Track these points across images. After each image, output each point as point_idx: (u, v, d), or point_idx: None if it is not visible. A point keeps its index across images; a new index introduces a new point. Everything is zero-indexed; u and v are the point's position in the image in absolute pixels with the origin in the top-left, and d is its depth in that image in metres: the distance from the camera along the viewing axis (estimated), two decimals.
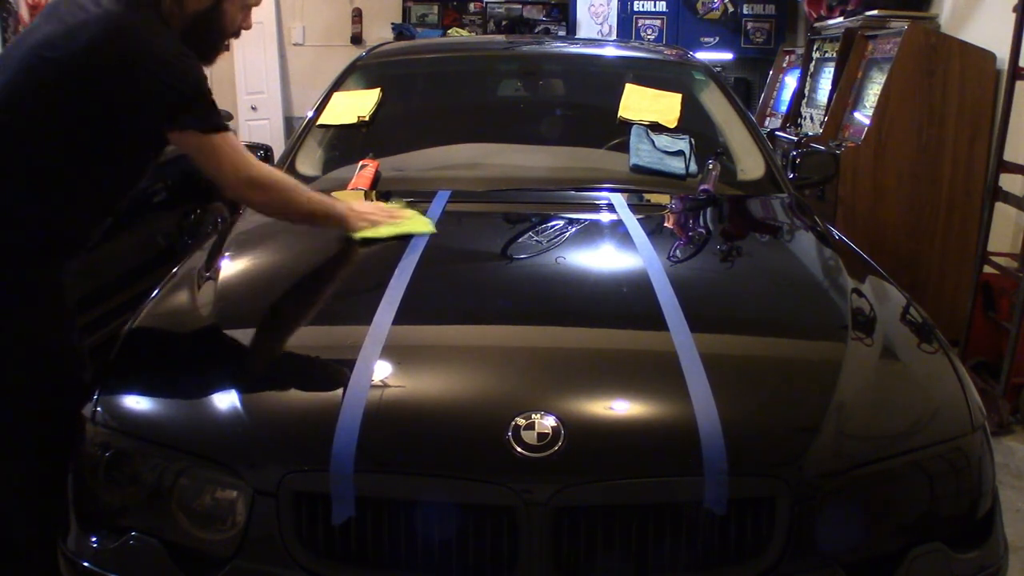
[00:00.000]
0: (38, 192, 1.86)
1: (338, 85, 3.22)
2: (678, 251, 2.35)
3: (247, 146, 3.21)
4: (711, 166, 2.72)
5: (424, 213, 2.40)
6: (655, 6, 7.14)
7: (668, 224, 2.62)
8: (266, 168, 2.09)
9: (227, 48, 2.10)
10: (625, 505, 1.51)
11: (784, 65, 6.24)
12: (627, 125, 2.92)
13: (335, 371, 1.78)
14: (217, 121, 1.94)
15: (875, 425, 1.67)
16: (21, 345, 1.87)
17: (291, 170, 2.90)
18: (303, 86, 7.76)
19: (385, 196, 2.76)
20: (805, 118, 5.45)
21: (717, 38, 7.13)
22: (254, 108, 7.83)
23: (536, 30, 7.44)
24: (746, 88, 7.07)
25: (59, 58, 1.81)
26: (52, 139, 1.84)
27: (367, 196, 2.73)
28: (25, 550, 1.94)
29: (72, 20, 1.85)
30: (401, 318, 1.83)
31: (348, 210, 2.24)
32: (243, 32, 2.08)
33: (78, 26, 1.83)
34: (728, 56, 7.15)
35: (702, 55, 4.92)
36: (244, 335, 1.94)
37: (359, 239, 2.21)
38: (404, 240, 2.20)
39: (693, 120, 3.05)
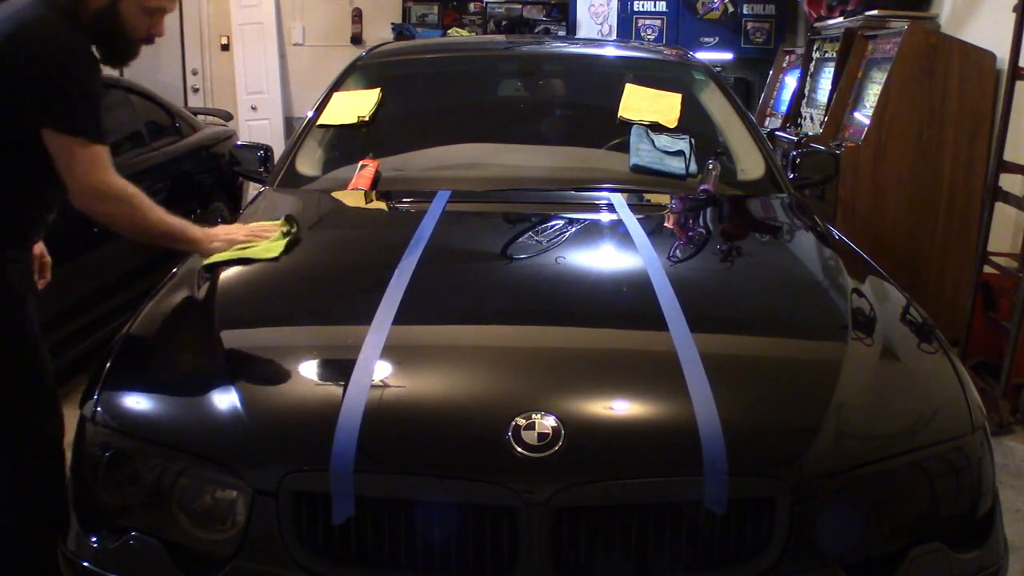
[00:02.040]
0: None
1: (338, 85, 3.22)
2: (678, 251, 2.35)
3: (247, 146, 3.24)
4: (711, 166, 2.72)
5: (424, 213, 2.40)
6: (655, 6, 7.14)
7: (668, 224, 2.62)
8: (119, 182, 1.97)
9: (135, 54, 2.05)
10: (625, 505, 1.51)
11: (784, 65, 6.24)
12: (627, 125, 2.92)
13: (335, 371, 1.78)
14: (81, 125, 1.87)
15: (875, 425, 1.67)
16: None
17: (291, 170, 2.91)
18: (303, 86, 7.76)
19: (385, 196, 2.77)
20: (805, 118, 5.45)
21: (717, 38, 7.13)
22: (254, 108, 7.83)
23: (536, 30, 7.44)
24: (746, 88, 7.07)
25: None
26: None
27: (367, 196, 2.73)
28: (19, 549, 1.95)
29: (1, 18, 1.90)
30: (401, 318, 1.83)
31: (202, 233, 2.17)
32: (243, 32, 2.08)
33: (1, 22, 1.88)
34: (728, 56, 7.15)
35: (702, 55, 4.92)
36: (244, 335, 1.94)
37: (205, 264, 2.14)
38: (404, 240, 2.20)
39: (693, 120, 3.05)
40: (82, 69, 1.89)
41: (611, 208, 2.51)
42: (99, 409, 1.72)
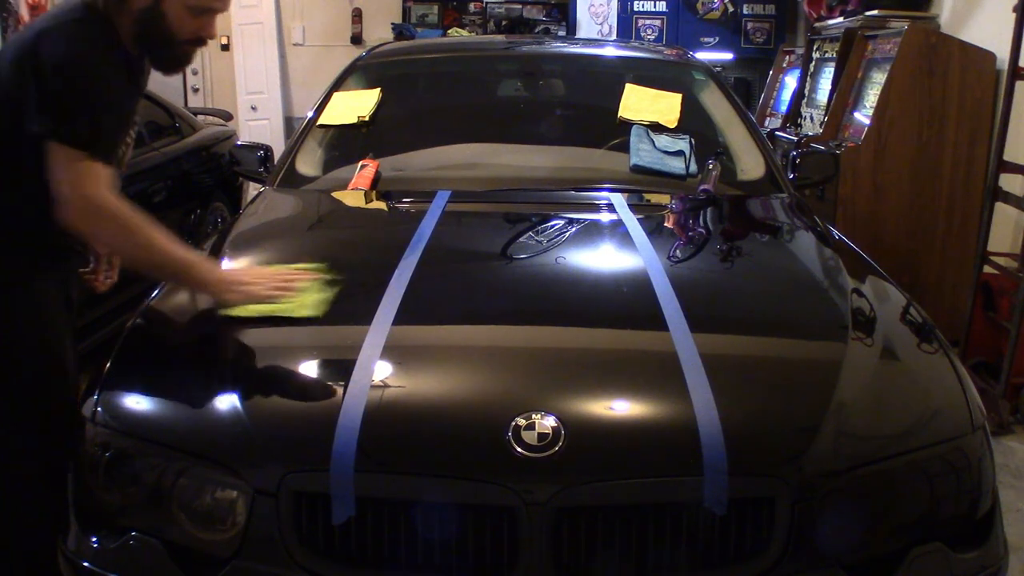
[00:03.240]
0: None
1: (338, 85, 3.22)
2: (678, 251, 2.35)
3: (247, 146, 3.24)
4: (711, 166, 2.72)
5: (424, 213, 2.40)
6: (655, 6, 7.14)
7: (668, 224, 2.62)
8: (112, 201, 1.81)
9: (187, 58, 1.98)
10: (625, 505, 1.51)
11: (784, 65, 6.23)
12: (627, 125, 2.92)
13: (335, 371, 1.78)
14: (76, 136, 1.76)
15: (875, 425, 1.67)
16: None
17: (291, 170, 2.91)
18: (303, 86, 7.76)
19: (385, 196, 2.76)
20: (805, 118, 5.45)
21: (717, 38, 7.13)
22: (254, 108, 7.83)
23: (536, 30, 7.44)
24: (746, 88, 7.07)
25: (5, 58, 1.83)
26: (5, 141, 1.84)
27: (367, 196, 2.73)
28: (23, 550, 1.94)
29: (30, 26, 1.86)
30: (401, 318, 1.83)
31: (216, 275, 1.95)
32: (243, 32, 2.06)
33: (28, 29, 1.85)
34: (728, 56, 7.15)
35: (702, 55, 4.92)
36: (244, 335, 1.94)
37: (223, 314, 1.90)
38: (404, 240, 2.19)
39: (693, 120, 3.05)
40: (88, 77, 1.79)
41: (611, 208, 2.52)
42: (99, 409, 1.72)
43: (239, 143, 3.44)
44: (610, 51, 3.81)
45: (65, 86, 1.77)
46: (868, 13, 4.78)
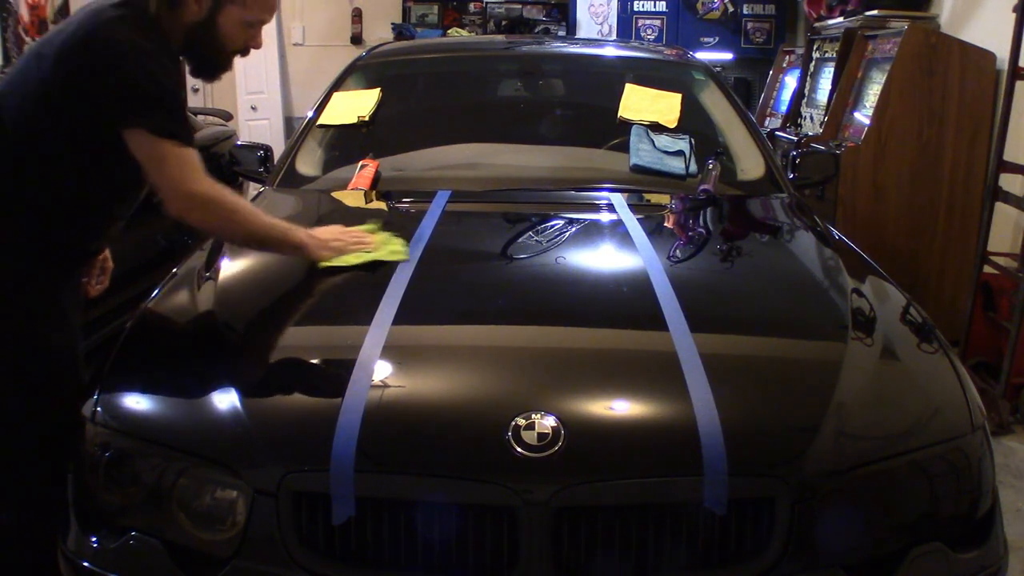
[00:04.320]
0: (26, 194, 1.85)
1: (338, 85, 3.22)
2: (678, 251, 2.35)
3: (246, 146, 3.24)
4: (711, 166, 2.72)
5: (424, 213, 2.40)
6: (655, 6, 7.14)
7: (668, 224, 2.62)
8: (216, 188, 1.90)
9: (229, 66, 2.01)
10: (625, 505, 1.51)
11: (784, 65, 6.24)
12: (627, 125, 2.92)
13: (335, 371, 1.78)
14: (173, 129, 1.82)
15: (875, 425, 1.67)
16: (9, 346, 1.86)
17: (291, 170, 2.91)
18: (303, 86, 7.76)
19: (385, 196, 2.76)
20: (805, 118, 5.45)
21: (717, 38, 7.13)
22: (254, 108, 7.83)
23: (536, 30, 7.44)
24: (746, 88, 7.07)
25: (45, 55, 1.82)
26: (37, 139, 1.83)
27: (367, 196, 2.73)
28: (25, 549, 1.94)
29: (68, 22, 1.85)
30: (401, 318, 1.83)
31: (308, 237, 2.07)
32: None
33: (67, 25, 1.84)
34: (728, 56, 7.15)
35: (702, 55, 4.92)
36: (244, 335, 1.94)
37: (323, 268, 2.05)
38: (404, 239, 2.19)
39: (693, 120, 3.05)
40: (168, 73, 1.83)
41: (611, 208, 2.52)
42: (99, 409, 1.72)
43: (239, 143, 3.44)
44: (610, 51, 3.82)
45: (155, 82, 1.79)
46: (868, 13, 4.78)
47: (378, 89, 3.09)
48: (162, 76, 1.82)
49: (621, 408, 1.68)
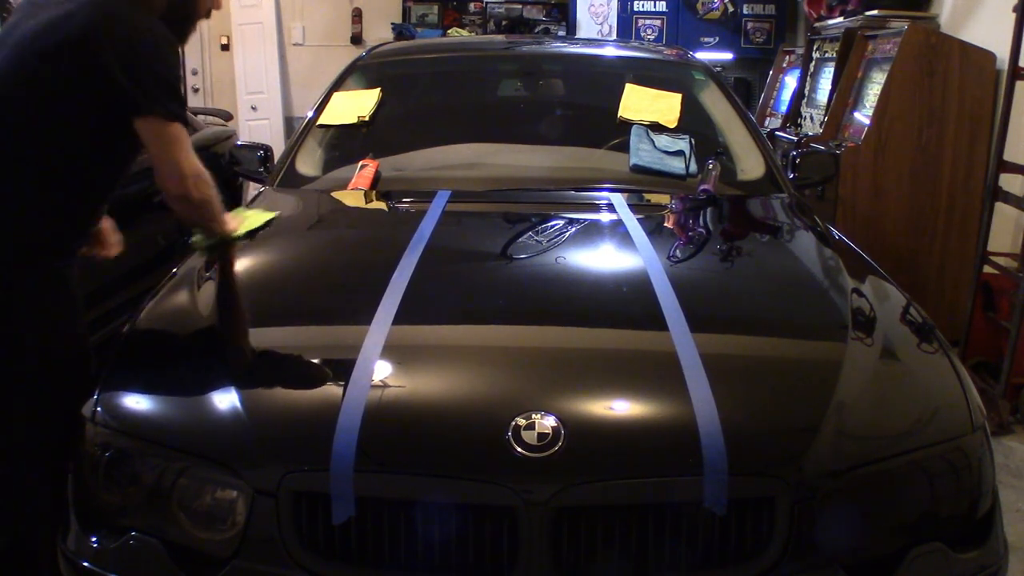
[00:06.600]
0: (34, 185, 1.87)
1: (338, 85, 3.22)
2: (678, 251, 2.35)
3: (247, 146, 3.24)
4: (711, 166, 2.72)
5: (424, 213, 2.40)
6: (655, 6, 7.13)
7: (668, 224, 2.62)
8: (201, 165, 2.01)
9: (193, 31, 2.10)
10: (625, 505, 1.51)
11: (784, 65, 6.23)
12: (627, 125, 2.92)
13: (335, 371, 1.78)
14: (181, 111, 1.92)
15: (875, 425, 1.67)
16: (33, 334, 1.88)
17: (291, 170, 2.91)
18: (303, 86, 7.75)
19: (385, 196, 2.77)
20: (805, 118, 5.45)
21: (717, 38, 7.12)
22: (254, 108, 7.83)
23: (536, 30, 7.44)
24: (746, 88, 7.06)
25: (48, 47, 1.82)
26: (44, 130, 1.85)
27: (367, 196, 2.73)
28: (32, 547, 1.94)
29: (57, 11, 1.85)
30: (401, 318, 1.83)
31: (228, 217, 2.20)
32: (243, 32, 2.10)
33: (65, 16, 1.84)
34: (728, 56, 7.14)
35: (702, 55, 4.91)
36: (244, 335, 1.94)
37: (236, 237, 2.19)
38: (404, 240, 2.19)
39: (693, 120, 3.05)
40: (177, 55, 1.91)
41: (611, 208, 2.52)
42: (99, 409, 1.72)
43: (239, 143, 3.44)
44: (610, 51, 3.82)
45: (173, 68, 1.87)
46: (868, 13, 4.78)
47: (378, 89, 3.10)
48: (176, 63, 1.89)
49: (621, 408, 1.68)
